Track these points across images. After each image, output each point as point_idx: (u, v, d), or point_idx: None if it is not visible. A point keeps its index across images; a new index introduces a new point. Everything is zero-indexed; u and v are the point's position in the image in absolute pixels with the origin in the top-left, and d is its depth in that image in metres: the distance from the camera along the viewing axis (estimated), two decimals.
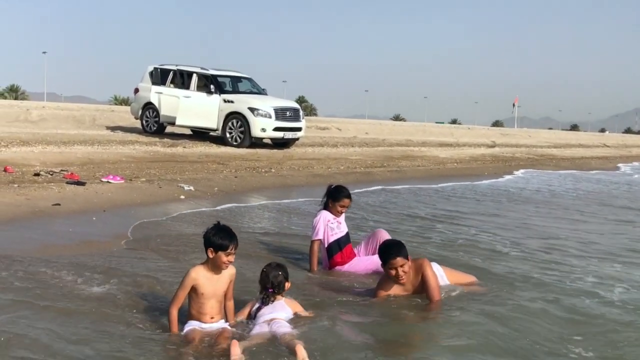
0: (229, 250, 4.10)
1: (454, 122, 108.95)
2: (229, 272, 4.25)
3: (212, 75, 19.23)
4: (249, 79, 20.61)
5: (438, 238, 7.96)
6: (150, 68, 20.34)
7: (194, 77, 19.27)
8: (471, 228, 8.85)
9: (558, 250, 7.51)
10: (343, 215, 6.48)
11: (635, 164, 27.76)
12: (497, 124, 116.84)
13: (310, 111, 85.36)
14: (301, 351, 3.71)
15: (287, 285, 4.57)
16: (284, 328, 4.15)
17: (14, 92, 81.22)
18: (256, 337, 4.06)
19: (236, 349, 3.70)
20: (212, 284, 4.17)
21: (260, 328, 4.19)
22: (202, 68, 19.61)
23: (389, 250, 4.98)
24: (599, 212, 11.46)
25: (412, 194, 12.84)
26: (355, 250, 6.40)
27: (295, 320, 4.38)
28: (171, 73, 19.75)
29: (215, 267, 4.16)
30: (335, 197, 6.28)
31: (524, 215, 10.62)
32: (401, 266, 4.91)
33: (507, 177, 18.01)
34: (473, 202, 12.01)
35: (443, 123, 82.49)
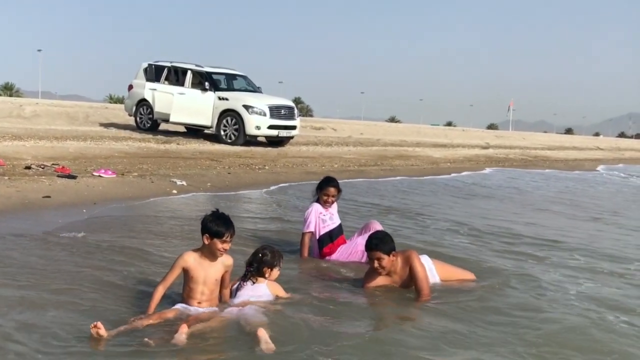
0: (224, 238, 4.11)
1: (449, 124, 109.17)
2: (226, 261, 4.26)
3: (207, 73, 19.16)
4: (244, 77, 20.55)
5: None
6: (145, 65, 20.24)
7: (189, 74, 19.19)
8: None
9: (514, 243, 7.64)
10: (335, 206, 6.48)
11: (621, 165, 27.85)
12: (492, 127, 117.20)
13: (307, 112, 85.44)
14: (262, 334, 3.68)
15: (271, 272, 4.60)
16: (253, 312, 4.15)
17: (8, 90, 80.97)
18: (213, 321, 4.02)
19: (181, 331, 3.69)
20: (204, 269, 4.18)
21: (229, 310, 4.21)
22: (196, 65, 19.54)
23: (369, 243, 5.04)
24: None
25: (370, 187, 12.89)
26: (348, 242, 6.38)
27: (272, 304, 4.41)
28: (165, 70, 19.67)
29: (210, 253, 4.17)
30: (321, 186, 6.32)
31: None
32: (378, 259, 4.93)
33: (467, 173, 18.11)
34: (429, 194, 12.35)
35: (438, 125, 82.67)
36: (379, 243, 4.96)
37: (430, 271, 5.27)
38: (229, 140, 18.27)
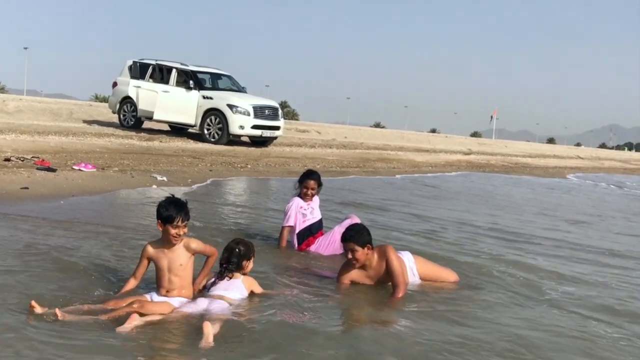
0: (175, 223, 4.02)
1: (433, 131, 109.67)
2: (190, 245, 4.17)
3: (192, 71, 19.17)
4: (229, 77, 20.58)
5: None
6: (130, 62, 20.18)
7: (174, 73, 19.18)
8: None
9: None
10: (317, 201, 6.56)
11: (592, 174, 28.21)
12: (475, 134, 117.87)
13: (293, 116, 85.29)
14: (207, 329, 3.57)
15: (248, 264, 4.57)
16: (219, 308, 4.07)
17: None
18: (173, 314, 3.96)
19: (130, 321, 3.65)
20: (166, 256, 4.14)
21: (194, 305, 4.11)
22: (181, 64, 19.53)
23: (344, 234, 5.04)
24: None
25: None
26: (326, 234, 6.41)
27: (244, 300, 4.35)
28: (150, 67, 19.63)
29: (168, 241, 4.12)
30: (301, 179, 6.40)
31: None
32: (352, 251, 4.94)
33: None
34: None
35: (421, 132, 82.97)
36: (353, 235, 4.96)
37: (411, 270, 5.26)
38: (213, 139, 18.29)
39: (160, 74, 19.37)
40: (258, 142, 19.52)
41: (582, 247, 7.97)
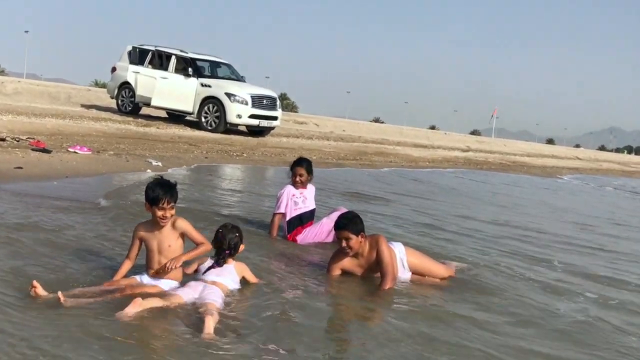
0: (160, 205, 3.97)
1: (432, 128, 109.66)
2: (179, 225, 4.12)
3: (191, 58, 19.13)
4: (228, 65, 20.54)
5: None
6: (129, 47, 20.12)
7: (173, 59, 19.14)
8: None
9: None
10: (311, 190, 6.54)
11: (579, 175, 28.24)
12: (474, 133, 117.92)
13: (292, 108, 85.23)
14: (209, 321, 3.49)
15: (242, 247, 4.57)
16: (212, 296, 3.97)
17: None
18: (167, 300, 3.86)
19: (132, 307, 3.56)
20: (155, 237, 4.12)
21: (189, 290, 4.04)
22: (181, 50, 19.49)
23: (338, 222, 5.00)
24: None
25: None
26: (315, 224, 6.41)
27: (236, 288, 4.30)
28: (150, 54, 19.57)
29: (155, 222, 4.08)
30: (291, 166, 6.39)
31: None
32: (346, 239, 4.92)
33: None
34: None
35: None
36: (348, 223, 4.93)
37: (401, 260, 5.19)
38: (210, 128, 18.27)
39: (160, 60, 19.31)
40: (255, 131, 19.50)
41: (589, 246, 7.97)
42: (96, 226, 5.67)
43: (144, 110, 20.22)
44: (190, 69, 18.64)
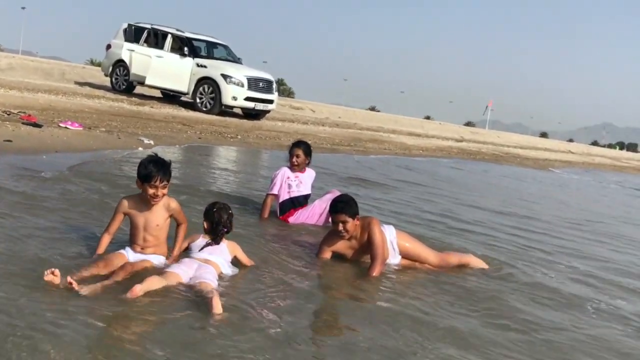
0: (152, 182, 3.85)
1: (427, 118, 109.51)
2: (170, 205, 4.07)
3: (188, 38, 18.93)
4: (225, 46, 20.34)
5: None
6: (125, 25, 19.90)
7: (169, 38, 18.94)
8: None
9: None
10: (310, 175, 6.48)
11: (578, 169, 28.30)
12: (469, 124, 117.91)
13: (289, 94, 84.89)
14: (217, 304, 3.44)
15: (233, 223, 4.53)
16: (208, 275, 3.92)
17: None
18: (165, 278, 3.77)
19: (135, 294, 3.45)
20: (143, 215, 4.02)
21: (185, 267, 3.97)
22: (177, 30, 19.28)
23: (335, 206, 4.94)
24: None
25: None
26: (306, 207, 6.35)
27: (229, 268, 4.24)
28: (146, 32, 19.35)
29: (146, 199, 3.97)
30: (290, 147, 6.32)
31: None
32: (343, 222, 4.87)
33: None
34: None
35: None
36: (344, 206, 4.88)
37: (391, 243, 5.13)
38: (205, 109, 18.12)
39: (155, 39, 19.10)
40: (251, 114, 19.36)
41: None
42: (82, 201, 5.57)
43: (138, 90, 20.04)
44: (186, 49, 18.45)
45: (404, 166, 14.95)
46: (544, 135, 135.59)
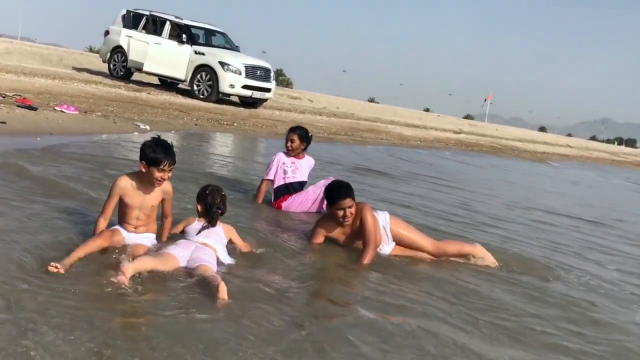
0: (162, 167, 3.85)
1: (426, 110, 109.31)
2: (165, 188, 4.06)
3: (186, 25, 18.84)
4: (223, 34, 20.24)
5: None
6: (123, 11, 19.79)
7: (167, 25, 18.84)
8: None
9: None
10: (308, 162, 6.44)
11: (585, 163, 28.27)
12: (468, 117, 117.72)
13: (287, 84, 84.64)
14: (223, 290, 3.41)
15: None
16: (207, 257, 3.91)
17: None
18: (164, 261, 3.75)
19: (127, 274, 3.38)
20: (140, 195, 3.99)
21: (181, 249, 3.94)
22: (176, 17, 19.19)
23: (339, 190, 4.86)
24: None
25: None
26: (300, 192, 6.31)
27: (226, 252, 4.20)
28: (144, 18, 19.24)
29: (148, 182, 3.95)
30: (287, 132, 6.30)
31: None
32: (349, 207, 4.82)
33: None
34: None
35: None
36: (349, 191, 4.83)
37: (384, 229, 5.06)
38: (202, 96, 18.06)
39: (154, 26, 19.01)
40: (248, 103, 19.31)
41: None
42: (76, 182, 5.55)
43: (136, 76, 19.95)
44: (184, 36, 18.36)
45: (407, 158, 14.85)
46: (542, 129, 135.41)
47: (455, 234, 6.08)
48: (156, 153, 3.85)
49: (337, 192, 4.89)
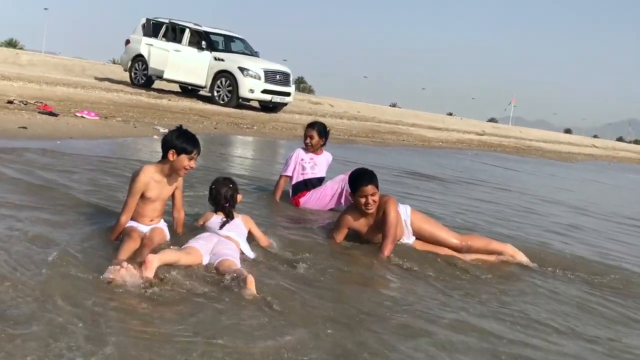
0: (192, 155, 3.91)
1: (449, 114, 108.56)
2: (177, 179, 4.07)
3: (205, 32, 18.97)
4: (242, 40, 20.34)
5: None
6: (143, 20, 20.01)
7: (187, 32, 18.99)
8: None
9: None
10: (326, 157, 6.39)
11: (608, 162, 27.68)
12: (492, 120, 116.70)
13: (309, 91, 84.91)
14: (251, 284, 3.38)
15: (239, 197, 4.45)
16: (229, 251, 3.87)
17: (12, 47, 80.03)
18: (190, 256, 3.74)
19: (152, 265, 3.36)
20: (160, 187, 3.99)
21: (204, 242, 3.91)
22: (195, 24, 19.33)
23: (362, 177, 4.76)
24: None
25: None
26: (318, 188, 6.24)
27: (247, 246, 4.14)
28: (164, 26, 19.42)
29: (172, 170, 3.94)
30: (305, 128, 6.26)
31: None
32: (372, 194, 4.71)
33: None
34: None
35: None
36: (373, 176, 4.73)
37: (405, 222, 4.98)
38: (222, 102, 18.14)
39: (173, 34, 19.17)
40: (268, 107, 19.33)
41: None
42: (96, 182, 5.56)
43: (157, 84, 20.12)
44: (203, 43, 18.48)
45: (447, 164, 14.45)
46: (567, 131, 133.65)
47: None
48: (187, 142, 3.91)
49: (360, 178, 4.78)
